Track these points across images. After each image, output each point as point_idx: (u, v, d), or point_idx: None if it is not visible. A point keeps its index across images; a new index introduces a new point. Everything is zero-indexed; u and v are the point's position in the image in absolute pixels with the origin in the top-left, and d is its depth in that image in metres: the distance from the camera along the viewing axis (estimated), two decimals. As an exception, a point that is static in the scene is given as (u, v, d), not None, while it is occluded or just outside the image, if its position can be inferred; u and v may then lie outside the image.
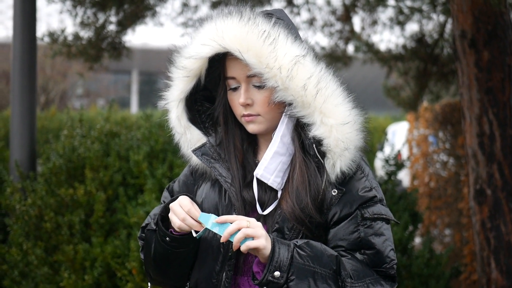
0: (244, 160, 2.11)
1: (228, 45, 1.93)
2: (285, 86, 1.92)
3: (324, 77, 1.95)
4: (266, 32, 1.92)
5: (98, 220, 4.30)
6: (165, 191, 2.26)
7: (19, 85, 5.19)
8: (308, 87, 1.92)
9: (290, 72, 1.91)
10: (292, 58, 1.92)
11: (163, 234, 2.01)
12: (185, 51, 2.02)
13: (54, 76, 23.22)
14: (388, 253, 1.98)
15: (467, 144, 4.56)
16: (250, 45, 1.91)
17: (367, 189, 2.01)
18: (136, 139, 4.69)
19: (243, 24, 1.93)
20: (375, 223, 1.98)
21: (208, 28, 1.98)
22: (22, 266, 4.36)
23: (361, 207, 1.99)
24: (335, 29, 7.61)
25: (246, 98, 2.00)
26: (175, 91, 2.09)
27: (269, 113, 2.02)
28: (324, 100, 1.93)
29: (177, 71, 2.05)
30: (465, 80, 4.50)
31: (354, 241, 1.97)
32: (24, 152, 5.10)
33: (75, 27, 5.84)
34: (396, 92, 8.04)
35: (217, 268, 2.02)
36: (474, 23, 4.42)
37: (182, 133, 2.14)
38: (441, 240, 7.46)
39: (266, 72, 1.92)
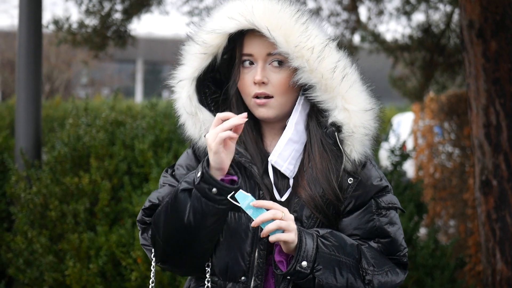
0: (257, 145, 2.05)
1: (257, 21, 1.89)
2: (313, 67, 1.90)
3: (348, 64, 1.96)
4: (300, 12, 1.91)
5: (103, 209, 4.30)
6: (166, 175, 2.11)
7: (24, 74, 5.18)
8: (336, 71, 1.91)
9: (321, 53, 1.89)
10: (324, 40, 1.91)
11: (211, 184, 1.84)
12: (206, 26, 1.97)
13: (59, 65, 23.23)
14: (402, 241, 2.01)
15: (473, 134, 4.54)
16: (281, 23, 1.88)
17: (379, 178, 2.02)
18: (141, 128, 4.68)
19: (275, 2, 1.91)
20: (389, 212, 2.00)
21: (234, 3, 1.95)
22: (27, 255, 4.37)
23: (376, 196, 1.99)
24: (341, 18, 7.59)
25: (262, 76, 1.95)
26: (188, 69, 2.01)
27: (283, 95, 1.97)
28: (349, 86, 1.93)
29: (195, 46, 1.98)
30: (472, 70, 4.48)
31: (370, 229, 1.97)
32: (29, 141, 5.10)
33: (80, 15, 5.83)
34: (402, 83, 8.03)
35: (248, 250, 1.95)
36: (482, 13, 4.39)
37: (193, 114, 2.03)
38: (446, 231, 7.45)
39: (293, 51, 1.89)
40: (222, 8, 1.97)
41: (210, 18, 2.00)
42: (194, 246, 1.94)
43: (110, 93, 27.73)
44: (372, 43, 7.77)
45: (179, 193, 1.90)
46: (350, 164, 1.97)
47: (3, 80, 24.45)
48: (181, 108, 2.05)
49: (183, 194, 1.90)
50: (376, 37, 7.64)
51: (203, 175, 1.85)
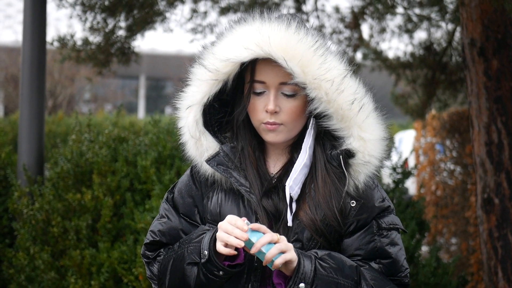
0: (258, 168, 2.04)
1: (274, 52, 1.86)
2: (332, 99, 1.89)
3: (364, 92, 1.95)
4: (318, 43, 1.88)
5: (105, 225, 4.30)
6: (165, 204, 2.13)
7: (28, 89, 5.20)
8: (354, 102, 1.90)
9: (339, 85, 1.88)
10: (342, 72, 1.90)
11: (217, 268, 1.89)
12: (220, 53, 1.93)
13: (62, 80, 23.29)
14: (403, 262, 2.01)
15: (475, 152, 4.55)
16: (298, 54, 1.86)
17: (381, 199, 2.01)
18: (144, 144, 4.70)
19: (292, 32, 1.87)
20: (390, 232, 2.00)
21: (248, 31, 1.91)
22: (28, 271, 4.37)
23: (377, 217, 1.99)
24: (343, 36, 7.61)
25: (275, 106, 1.94)
26: (198, 94, 1.98)
27: (293, 122, 1.97)
28: (366, 116, 1.92)
29: (206, 73, 1.95)
30: (474, 88, 4.50)
31: (371, 250, 1.97)
32: (32, 156, 5.11)
33: (84, 32, 5.86)
34: (404, 100, 8.04)
35: (242, 280, 1.96)
36: (484, 31, 4.42)
37: (196, 138, 2.04)
38: (448, 249, 7.44)
39: (311, 82, 1.87)
40: (234, 34, 1.94)
41: (221, 42, 1.96)
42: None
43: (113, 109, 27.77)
44: (374, 61, 7.79)
45: (186, 265, 1.95)
46: (353, 188, 1.97)
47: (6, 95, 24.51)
48: (185, 128, 2.05)
49: (189, 266, 1.94)
50: (378, 54, 7.66)
51: (209, 258, 1.90)
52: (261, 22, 1.91)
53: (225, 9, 6.92)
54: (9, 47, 24.13)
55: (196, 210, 2.08)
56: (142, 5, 5.62)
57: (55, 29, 20.94)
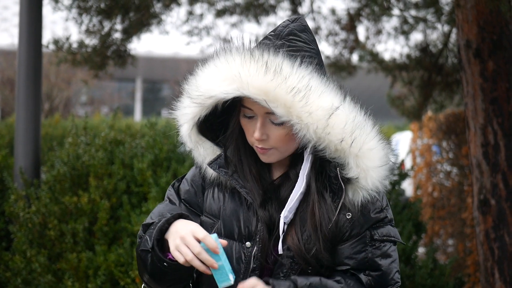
0: (260, 177, 2.05)
1: (254, 95, 1.84)
2: (321, 137, 1.86)
3: (359, 122, 1.89)
4: (296, 89, 1.82)
5: (101, 228, 4.30)
6: (170, 189, 2.17)
7: (24, 92, 5.20)
8: (343, 138, 1.86)
9: (325, 126, 1.84)
10: (326, 112, 1.84)
11: (160, 260, 1.90)
12: (203, 88, 1.92)
13: (59, 83, 23.27)
14: (394, 275, 1.98)
15: (471, 154, 4.56)
16: (279, 98, 1.82)
17: (378, 209, 1.99)
18: (140, 147, 4.69)
19: (270, 78, 1.82)
20: (383, 244, 1.97)
21: (230, 71, 1.87)
22: (25, 274, 4.36)
23: (372, 227, 1.97)
24: (339, 38, 7.62)
25: (261, 134, 1.94)
26: (189, 115, 1.99)
27: (284, 146, 1.97)
28: (360, 147, 1.88)
29: (192, 102, 1.96)
30: (470, 90, 4.50)
31: (361, 261, 1.95)
32: (28, 159, 5.11)
33: (80, 35, 5.86)
34: (400, 102, 8.04)
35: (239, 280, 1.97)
36: (479, 33, 4.43)
37: (193, 148, 2.08)
38: (445, 250, 7.45)
39: (296, 122, 1.85)
40: (217, 70, 1.90)
41: (204, 73, 1.93)
42: (166, 284, 1.97)
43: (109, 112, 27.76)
44: (371, 63, 7.79)
45: (140, 251, 1.94)
46: (350, 204, 1.95)
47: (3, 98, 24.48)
48: (183, 138, 2.08)
49: (143, 252, 1.93)
50: (374, 56, 7.67)
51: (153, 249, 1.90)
52: (241, 63, 1.87)
53: (221, 11, 6.93)
54: (5, 50, 24.11)
55: (198, 200, 2.11)
56: (138, 8, 5.63)
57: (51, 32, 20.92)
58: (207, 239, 1.81)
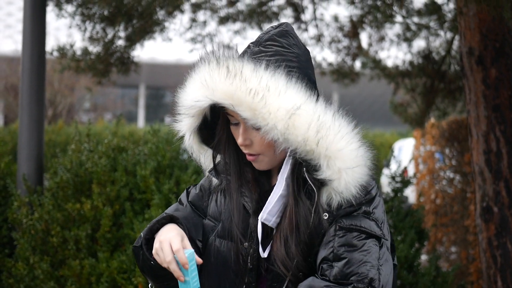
0: (259, 182, 2.09)
1: (221, 101, 1.90)
2: (286, 139, 1.88)
3: (324, 122, 1.89)
4: (254, 90, 1.86)
5: (104, 235, 4.31)
6: (184, 192, 2.25)
7: (27, 99, 5.21)
8: (308, 138, 1.87)
9: (287, 126, 1.86)
10: (287, 112, 1.86)
11: (147, 258, 2.01)
12: (184, 100, 2.00)
13: (62, 90, 23.34)
14: (359, 266, 1.86)
15: (473, 161, 4.56)
16: (242, 101, 1.87)
17: (351, 203, 1.94)
18: (143, 154, 4.70)
19: (230, 82, 1.88)
20: (351, 233, 1.90)
21: (199, 79, 1.94)
22: (28, 281, 4.36)
23: (341, 218, 1.93)
24: (342, 45, 7.63)
25: (244, 139, 1.98)
26: (184, 126, 2.07)
27: (269, 151, 1.99)
28: (327, 147, 1.87)
29: (183, 116, 2.04)
30: (472, 97, 4.51)
31: (328, 251, 1.90)
32: (31, 166, 5.12)
33: (84, 42, 5.88)
34: (403, 109, 8.05)
35: (237, 281, 2.03)
36: (482, 40, 4.43)
37: (197, 157, 2.16)
38: (447, 258, 7.43)
39: (263, 125, 1.88)
40: (192, 81, 1.98)
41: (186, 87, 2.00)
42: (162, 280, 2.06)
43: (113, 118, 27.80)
44: (373, 70, 7.80)
45: (133, 247, 2.07)
46: (326, 205, 1.94)
47: (6, 104, 24.56)
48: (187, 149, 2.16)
49: (135, 248, 2.06)
50: (377, 63, 7.67)
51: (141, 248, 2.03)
52: (208, 70, 1.93)
53: (224, 18, 6.94)
54: (9, 57, 24.21)
55: (203, 204, 2.18)
56: (141, 15, 5.64)
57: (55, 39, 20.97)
58: (178, 253, 1.88)
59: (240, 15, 6.97)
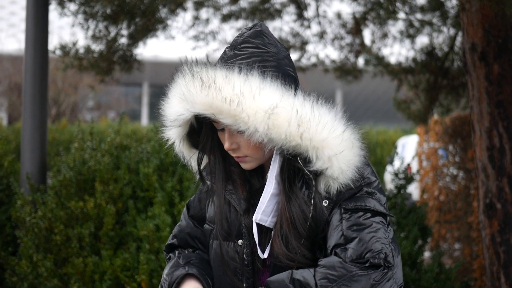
0: (250, 182, 2.11)
1: (201, 112, 1.93)
2: (270, 138, 1.91)
3: (303, 115, 1.91)
4: (228, 98, 1.89)
5: (107, 233, 4.31)
6: (185, 208, 2.30)
7: (30, 98, 5.22)
8: (290, 134, 1.89)
9: (267, 127, 1.89)
10: (265, 113, 1.89)
11: None
12: (168, 113, 2.04)
13: (65, 88, 23.35)
14: (372, 243, 1.90)
15: (476, 157, 4.55)
16: (220, 110, 1.90)
17: (351, 186, 1.97)
18: (146, 152, 4.71)
19: (206, 93, 1.91)
20: (357, 214, 1.93)
21: (178, 94, 1.98)
22: (32, 279, 4.37)
23: (344, 201, 1.96)
24: (345, 42, 7.62)
25: (230, 144, 2.01)
26: (172, 134, 2.11)
27: (258, 153, 2.02)
28: (311, 138, 1.90)
29: (168, 126, 2.08)
30: (475, 93, 4.50)
31: (338, 235, 1.92)
32: (34, 165, 5.13)
33: (86, 40, 5.88)
34: (406, 105, 8.03)
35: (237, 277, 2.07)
36: (485, 36, 4.42)
37: (187, 162, 2.21)
38: (451, 255, 7.42)
39: (246, 129, 1.91)
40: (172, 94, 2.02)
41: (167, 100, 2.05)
42: None
43: (116, 116, 27.82)
44: (376, 66, 7.78)
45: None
46: (325, 192, 1.97)
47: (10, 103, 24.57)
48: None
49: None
50: (380, 60, 7.66)
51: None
52: (184, 83, 1.96)
53: (227, 16, 6.94)
54: (12, 56, 24.21)
55: (202, 212, 2.23)
56: (143, 13, 5.64)
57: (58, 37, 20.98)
58: None
59: (243, 12, 6.96)
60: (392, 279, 1.88)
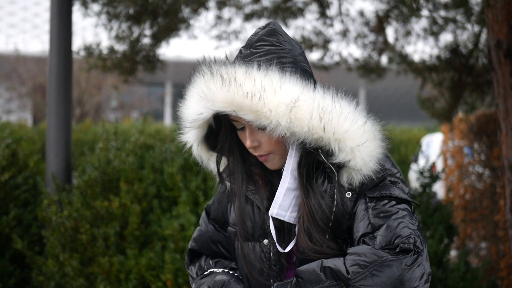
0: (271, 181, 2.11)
1: (222, 109, 1.93)
2: (292, 131, 1.91)
3: (325, 107, 1.92)
4: (250, 93, 1.89)
5: (133, 232, 4.33)
6: (204, 211, 2.30)
7: (55, 99, 5.26)
8: (313, 127, 1.90)
9: (289, 121, 1.89)
10: (287, 106, 1.89)
11: None
12: (187, 114, 2.04)
13: (89, 89, 23.50)
14: (400, 228, 1.90)
15: (503, 155, 4.50)
16: (242, 106, 1.90)
17: (372, 176, 1.98)
18: (170, 151, 4.72)
19: (227, 89, 1.91)
20: (382, 201, 1.94)
21: (198, 93, 1.98)
22: (58, 278, 4.41)
23: (368, 191, 1.97)
24: (368, 40, 7.58)
25: (252, 141, 2.01)
26: (190, 137, 2.11)
27: (281, 149, 2.02)
28: (334, 131, 1.90)
29: (187, 128, 2.08)
30: (501, 90, 4.46)
31: (364, 224, 1.93)
32: (60, 165, 5.17)
33: (110, 41, 5.91)
34: (430, 103, 7.98)
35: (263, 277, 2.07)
36: (510, 32, 4.38)
37: (206, 165, 2.20)
38: (477, 253, 7.36)
39: (268, 123, 1.90)
40: (191, 95, 2.02)
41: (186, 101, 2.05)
42: None
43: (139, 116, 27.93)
44: (400, 64, 7.74)
45: None
46: (348, 184, 1.97)
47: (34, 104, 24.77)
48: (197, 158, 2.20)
49: None
50: (404, 58, 7.61)
51: None
52: (204, 82, 1.96)
53: (249, 15, 6.94)
54: (36, 57, 24.41)
55: (224, 216, 2.23)
56: (166, 13, 5.66)
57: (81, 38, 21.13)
58: None
59: (265, 11, 6.95)
60: (422, 266, 1.88)
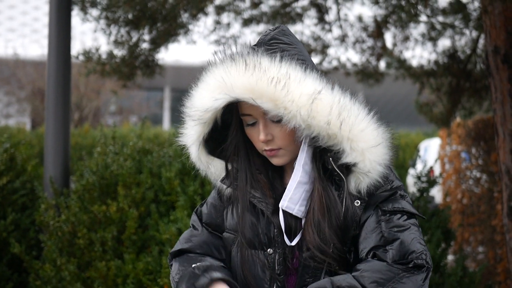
0: (273, 186, 2.10)
1: (240, 96, 1.91)
2: (309, 124, 1.90)
3: (344, 105, 1.92)
4: (275, 78, 1.88)
5: (130, 237, 4.33)
6: (194, 215, 2.24)
7: (53, 103, 5.26)
8: (331, 121, 1.90)
9: (310, 111, 1.88)
10: (309, 97, 1.89)
11: None
12: (197, 104, 2.01)
13: (88, 93, 23.53)
14: (413, 243, 1.91)
15: (500, 160, 4.52)
16: (263, 93, 1.88)
17: (387, 188, 1.99)
18: (168, 156, 4.72)
19: (250, 74, 1.90)
20: (395, 216, 1.95)
21: (215, 79, 1.95)
22: (55, 282, 4.41)
23: (380, 203, 1.97)
24: (366, 45, 7.61)
25: (266, 135, 1.99)
26: (194, 135, 2.08)
27: (291, 145, 2.01)
28: (350, 129, 1.91)
29: (193, 121, 2.04)
30: (499, 96, 4.47)
31: (377, 237, 1.93)
32: (58, 169, 5.17)
33: (109, 46, 5.92)
34: (428, 108, 8.01)
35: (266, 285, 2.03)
36: (508, 38, 4.39)
37: (205, 169, 2.17)
38: (474, 258, 7.37)
39: (285, 114, 1.90)
40: (205, 83, 1.99)
41: (197, 91, 2.03)
42: None
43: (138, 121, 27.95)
44: (398, 69, 7.77)
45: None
46: (356, 191, 1.97)
47: (33, 108, 24.80)
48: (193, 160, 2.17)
49: None
50: (402, 63, 7.64)
51: None
52: (223, 68, 1.94)
53: (248, 20, 6.95)
54: (36, 61, 24.45)
55: (218, 220, 2.18)
56: (165, 18, 5.67)
57: (80, 43, 21.14)
58: None
59: (264, 16, 6.97)
60: (428, 280, 1.91)
